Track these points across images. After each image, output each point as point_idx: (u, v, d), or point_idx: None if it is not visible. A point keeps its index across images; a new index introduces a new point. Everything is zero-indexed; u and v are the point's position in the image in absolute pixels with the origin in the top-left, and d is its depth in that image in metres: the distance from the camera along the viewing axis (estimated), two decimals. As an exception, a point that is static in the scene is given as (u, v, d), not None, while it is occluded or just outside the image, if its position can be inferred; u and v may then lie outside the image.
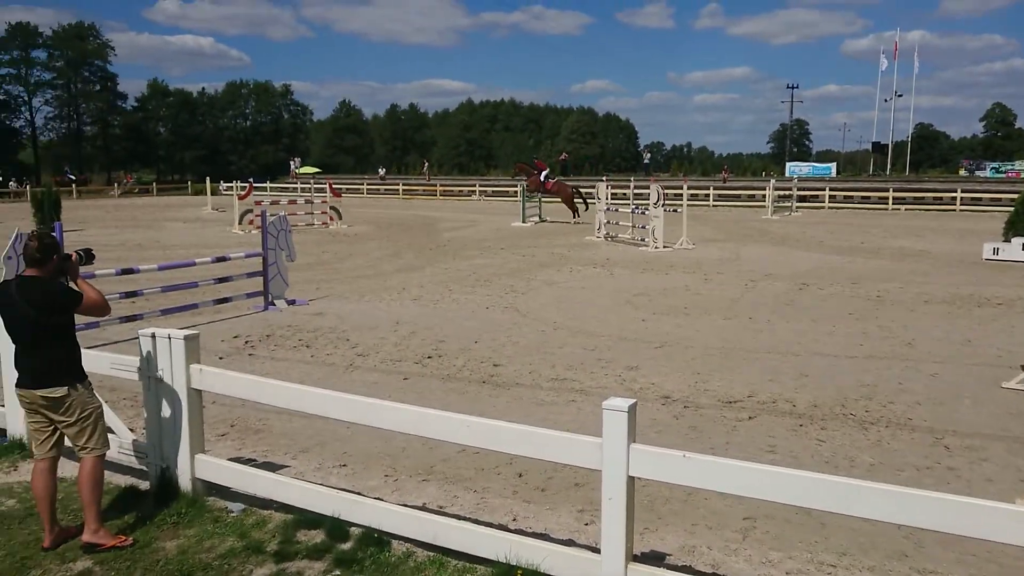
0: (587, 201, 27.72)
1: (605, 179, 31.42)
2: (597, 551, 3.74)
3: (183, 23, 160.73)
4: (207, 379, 4.83)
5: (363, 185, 55.67)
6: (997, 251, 17.46)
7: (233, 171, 69.98)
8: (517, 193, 30.86)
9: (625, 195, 32.95)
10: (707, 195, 41.09)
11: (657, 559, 4.24)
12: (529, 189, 29.03)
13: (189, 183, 60.20)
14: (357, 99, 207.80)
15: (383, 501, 4.65)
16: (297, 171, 60.17)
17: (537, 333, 10.02)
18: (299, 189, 42.30)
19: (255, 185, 31.36)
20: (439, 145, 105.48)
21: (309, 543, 4.36)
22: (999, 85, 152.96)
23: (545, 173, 29.54)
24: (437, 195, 50.02)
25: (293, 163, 65.11)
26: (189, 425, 4.84)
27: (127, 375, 5.11)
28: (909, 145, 63.38)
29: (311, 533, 4.46)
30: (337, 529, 4.39)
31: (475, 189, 49.92)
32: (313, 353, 9.06)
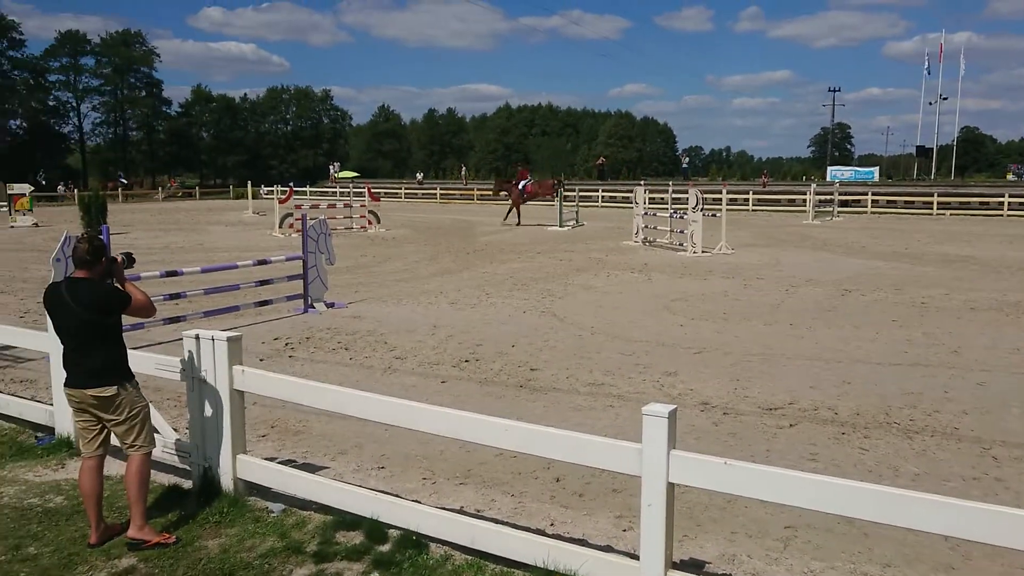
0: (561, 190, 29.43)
1: (643, 183, 31.27)
2: (636, 558, 3.72)
3: (227, 30, 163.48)
4: (249, 380, 4.90)
5: (401, 189, 56.09)
6: (1047, 257, 17.04)
7: (274, 175, 71.10)
8: (554, 198, 30.82)
9: (663, 199, 32.86)
10: (746, 200, 40.64)
11: (696, 567, 4.20)
12: (513, 204, 29.26)
13: (231, 187, 61.12)
14: (396, 104, 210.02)
15: (421, 504, 4.68)
16: (336, 175, 60.82)
17: (574, 338, 10.00)
18: (338, 193, 42.75)
19: (295, 189, 31.78)
20: (476, 150, 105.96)
21: (348, 544, 4.39)
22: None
23: (524, 182, 29.74)
24: (474, 199, 50.17)
25: (332, 167, 65.82)
26: (231, 426, 4.91)
27: (171, 376, 5.20)
28: (954, 149, 62.28)
29: (350, 534, 4.49)
30: (376, 531, 4.42)
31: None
32: (352, 356, 9.14)
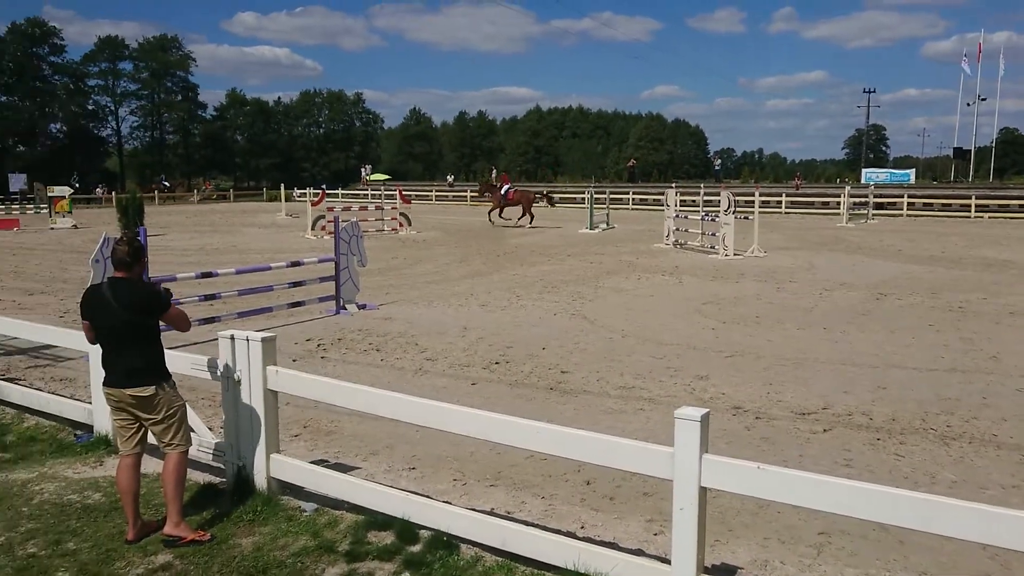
0: (553, 202, 30.03)
1: (674, 186, 31.12)
2: (667, 562, 3.70)
3: (261, 34, 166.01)
4: (283, 381, 4.95)
5: (432, 192, 56.27)
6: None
7: (306, 178, 71.73)
8: (584, 200, 30.79)
9: (694, 202, 32.68)
10: (779, 202, 40.20)
11: (729, 572, 4.17)
12: (493, 207, 29.52)
13: (264, 189, 61.81)
14: (427, 107, 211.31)
15: (452, 505, 4.69)
16: (368, 178, 61.38)
17: (605, 340, 9.97)
18: (370, 195, 43.05)
19: (327, 192, 32.07)
20: (507, 152, 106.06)
21: (379, 544, 4.42)
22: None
23: (506, 188, 30.23)
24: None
25: (364, 170, 66.38)
26: (265, 425, 4.97)
27: (206, 375, 5.27)
28: (993, 150, 61.09)
29: (381, 534, 4.52)
30: (407, 531, 4.45)
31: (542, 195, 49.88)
32: (383, 357, 9.20)
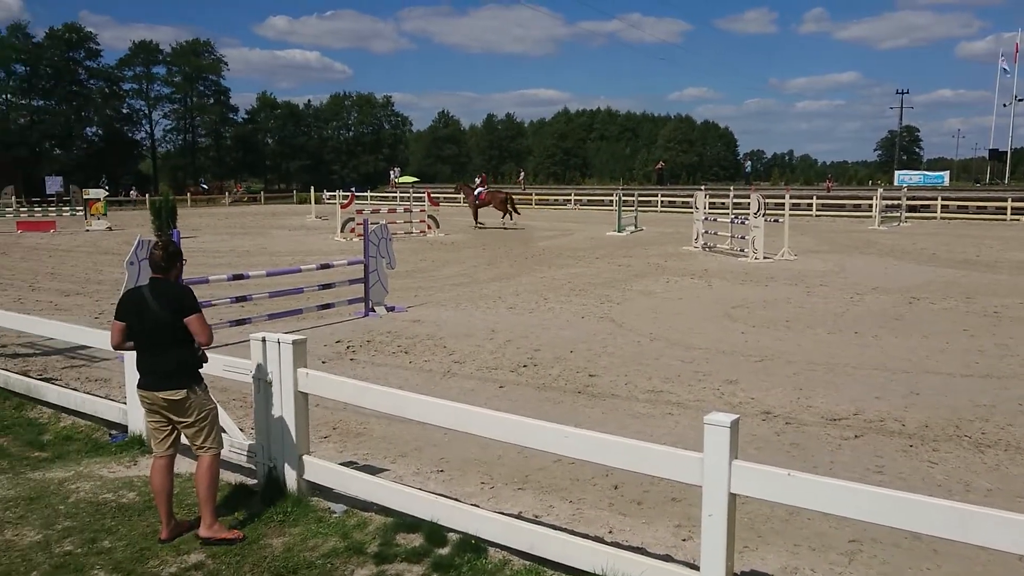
0: (516, 209, 30.39)
1: (703, 188, 30.94)
2: (696, 568, 3.69)
3: (291, 38, 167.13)
4: (313, 383, 5.00)
5: (460, 194, 56.35)
6: None
7: (335, 180, 72.21)
8: (613, 202, 30.70)
9: (724, 204, 32.44)
10: (810, 205, 39.74)
11: (757, 579, 4.14)
12: (470, 206, 29.75)
13: (294, 192, 62.33)
14: (455, 109, 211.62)
15: (480, 508, 4.71)
16: (396, 180, 61.73)
17: (633, 344, 9.94)
18: (398, 198, 43.27)
19: (356, 194, 32.28)
20: (535, 154, 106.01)
21: (408, 546, 4.45)
22: None
23: (480, 189, 30.56)
24: (532, 204, 50.23)
25: (393, 172, 66.75)
26: (296, 427, 5.02)
27: (238, 377, 5.34)
28: (1030, 152, 59.93)
29: (410, 537, 4.55)
30: (435, 534, 4.47)
31: (570, 198, 49.90)
32: (411, 359, 9.25)
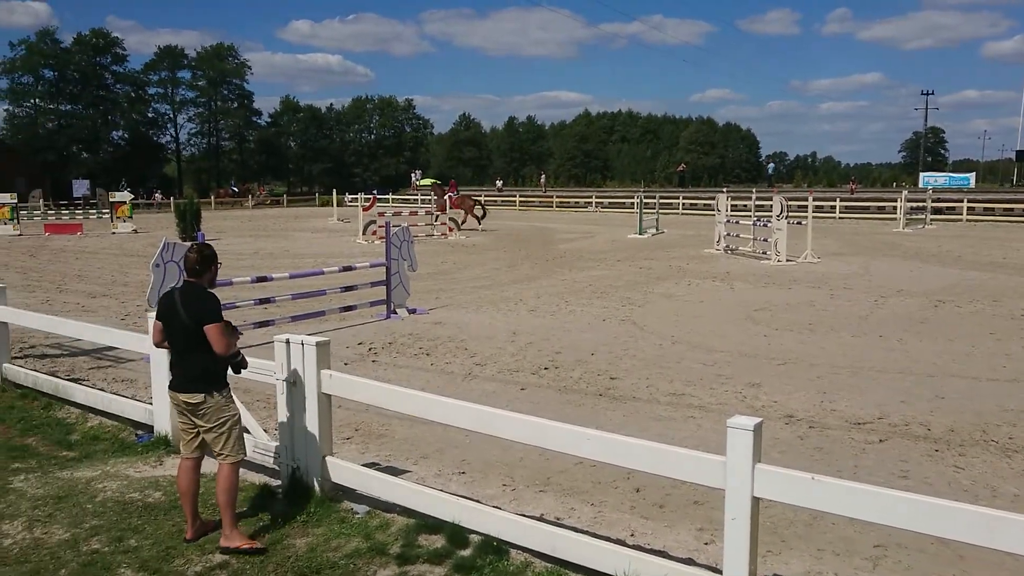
0: (485, 211, 30.93)
1: (725, 190, 30.76)
2: (718, 572, 3.67)
3: (314, 42, 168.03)
4: (336, 384, 5.04)
5: (481, 197, 56.38)
6: None
7: (357, 183, 72.52)
8: (634, 205, 30.62)
9: (746, 207, 32.24)
10: (833, 207, 39.43)
11: (780, 583, 4.12)
12: (439, 209, 29.52)
13: (316, 195, 62.69)
14: (476, 112, 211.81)
15: (502, 510, 4.72)
16: (418, 183, 61.82)
17: (654, 347, 9.91)
18: (419, 200, 43.38)
19: (378, 197, 32.45)
20: (555, 157, 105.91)
21: (430, 548, 4.47)
22: None
23: (451, 194, 30.60)
24: (553, 206, 50.23)
25: (414, 175, 66.91)
26: (319, 428, 5.06)
27: (262, 378, 5.39)
28: (1059, 153, 59.11)
29: (432, 538, 4.57)
30: (457, 535, 4.48)
31: (591, 200, 49.82)
32: (433, 361, 9.28)
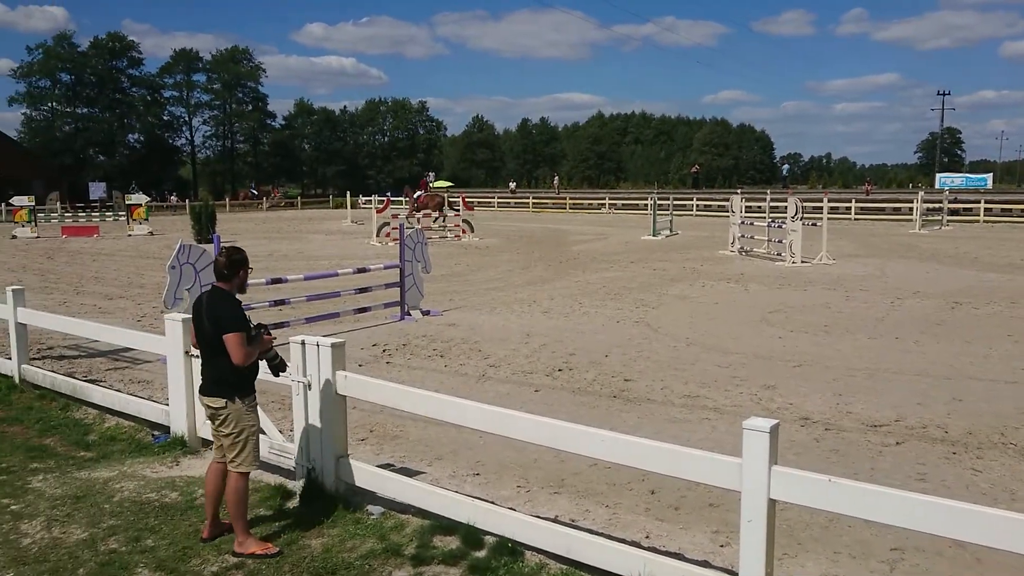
0: (453, 207, 30.13)
1: (739, 192, 30.67)
2: (734, 574, 3.66)
3: (328, 44, 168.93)
4: (352, 385, 5.05)
5: (494, 199, 56.56)
6: None
7: (371, 185, 72.78)
8: (647, 206, 30.58)
9: (760, 208, 32.12)
10: (848, 208, 39.23)
11: (797, 586, 4.10)
12: (410, 210, 29.46)
13: (330, 197, 62.94)
14: (489, 114, 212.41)
15: (516, 511, 4.71)
16: (431, 185, 61.93)
17: (669, 348, 9.89)
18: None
19: (392, 199, 32.53)
20: (569, 158, 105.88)
21: (445, 549, 4.47)
22: None
23: (419, 193, 30.71)
24: (567, 208, 50.21)
25: (427, 177, 67.02)
26: (334, 429, 5.08)
27: (277, 379, 5.40)
28: (1078, 154, 58.53)
29: (447, 539, 4.57)
30: (472, 537, 4.49)
31: (604, 202, 49.78)
32: (447, 363, 9.29)
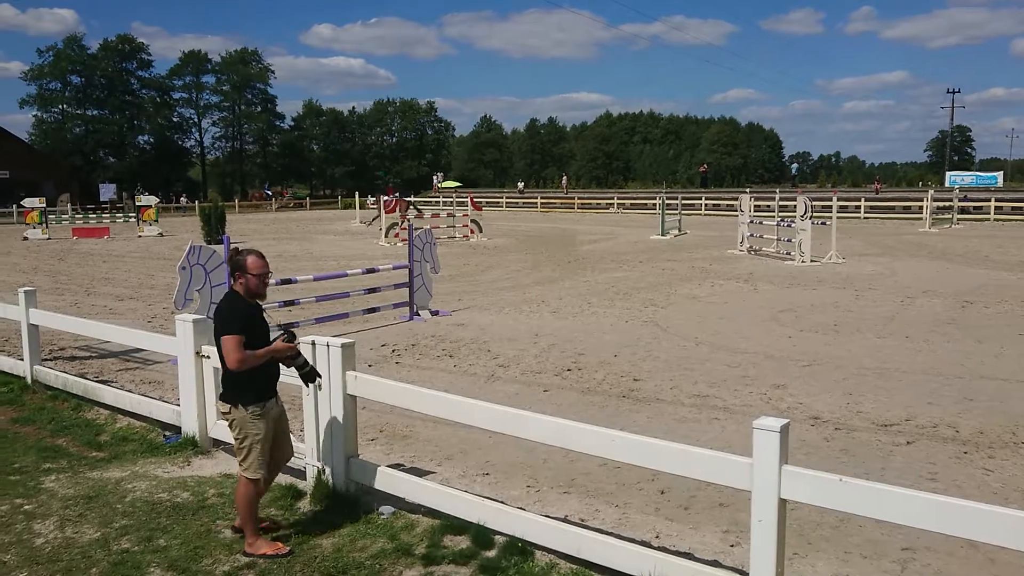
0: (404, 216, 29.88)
1: (748, 191, 30.58)
2: (744, 574, 3.66)
3: (336, 45, 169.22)
4: (362, 386, 5.07)
5: (502, 199, 56.61)
6: None
7: (379, 186, 72.91)
8: (656, 206, 30.53)
9: (769, 207, 32.03)
10: (857, 207, 39.12)
11: (807, 586, 4.09)
12: (385, 212, 29.51)
13: (339, 198, 63.05)
14: (497, 114, 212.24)
15: (526, 511, 4.72)
16: (439, 185, 62.09)
17: (678, 348, 9.87)
18: (441, 203, 43.55)
19: (399, 198, 32.63)
20: (577, 158, 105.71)
21: (455, 549, 4.48)
22: None
23: (386, 198, 30.84)
24: (575, 208, 50.20)
25: (436, 177, 67.19)
26: (344, 429, 5.09)
27: (287, 379, 5.42)
28: (1089, 151, 58.14)
29: (457, 539, 4.58)
30: (482, 536, 4.49)
31: (613, 202, 49.75)
32: (456, 363, 9.31)
